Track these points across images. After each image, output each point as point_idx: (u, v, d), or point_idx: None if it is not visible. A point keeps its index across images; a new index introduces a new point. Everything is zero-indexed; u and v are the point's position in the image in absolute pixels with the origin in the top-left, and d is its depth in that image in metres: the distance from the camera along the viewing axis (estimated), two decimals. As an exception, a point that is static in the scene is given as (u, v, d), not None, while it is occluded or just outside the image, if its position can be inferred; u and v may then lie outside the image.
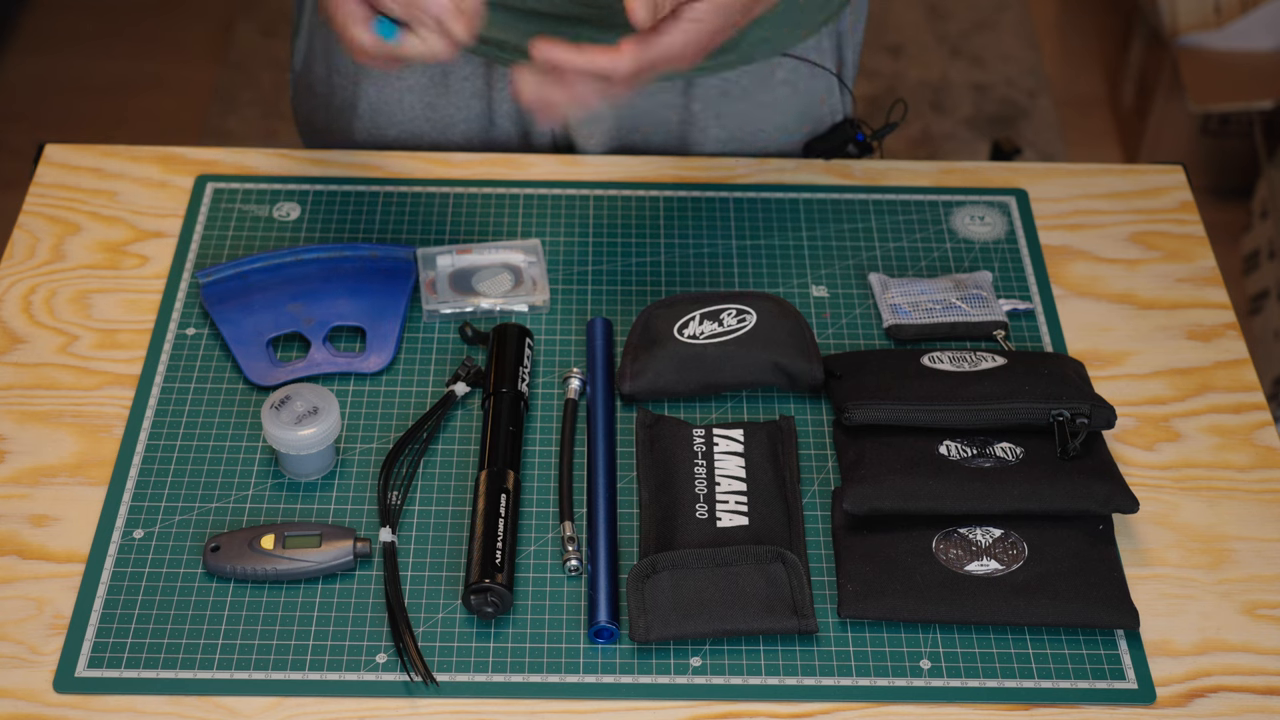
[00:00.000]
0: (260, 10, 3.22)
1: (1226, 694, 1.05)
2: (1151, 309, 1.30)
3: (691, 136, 1.42)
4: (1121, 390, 1.23)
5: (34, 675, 1.04)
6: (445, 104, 1.41)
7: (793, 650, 1.06)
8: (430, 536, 1.12)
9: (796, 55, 1.39)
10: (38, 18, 3.20)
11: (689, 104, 1.40)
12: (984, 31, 3.23)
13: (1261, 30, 2.73)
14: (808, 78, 1.42)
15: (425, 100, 1.41)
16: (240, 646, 1.05)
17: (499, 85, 1.39)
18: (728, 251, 1.32)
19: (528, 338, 1.22)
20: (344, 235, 1.32)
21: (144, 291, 1.27)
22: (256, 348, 1.22)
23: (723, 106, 1.41)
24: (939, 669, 1.06)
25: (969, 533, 1.10)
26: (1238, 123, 2.78)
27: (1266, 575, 1.12)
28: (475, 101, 1.41)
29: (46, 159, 1.37)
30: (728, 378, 1.20)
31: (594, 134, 1.41)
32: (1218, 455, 1.19)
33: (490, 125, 1.42)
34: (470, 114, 1.41)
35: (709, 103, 1.40)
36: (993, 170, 1.41)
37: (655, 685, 1.04)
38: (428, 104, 1.41)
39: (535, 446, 1.18)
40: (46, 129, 2.89)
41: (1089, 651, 1.07)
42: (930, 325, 1.25)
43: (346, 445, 1.17)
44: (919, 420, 1.14)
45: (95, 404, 1.19)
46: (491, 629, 1.07)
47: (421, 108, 1.41)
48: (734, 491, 1.12)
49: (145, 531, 1.11)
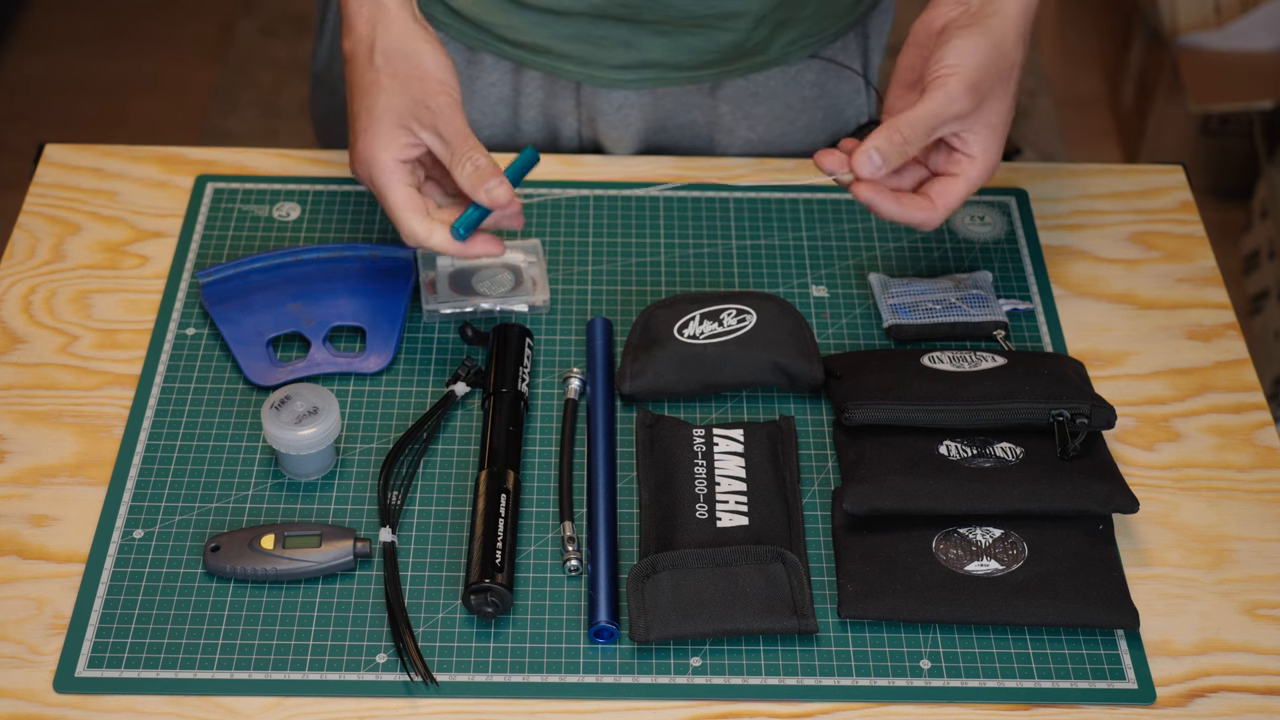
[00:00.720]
0: (260, 10, 3.22)
1: (1226, 694, 1.05)
2: (1151, 309, 1.30)
3: (718, 138, 1.42)
4: (1121, 390, 1.23)
5: (34, 675, 1.04)
6: (470, 109, 1.40)
7: (793, 650, 1.06)
8: (430, 536, 1.12)
9: (824, 57, 1.39)
10: (38, 18, 3.20)
11: (717, 105, 1.40)
12: (984, 31, 3.22)
13: (1261, 30, 2.73)
14: (835, 79, 1.42)
15: None
16: (240, 646, 1.05)
17: (525, 90, 1.39)
18: (728, 251, 1.32)
19: (528, 338, 1.22)
20: (344, 235, 1.32)
21: (144, 291, 1.27)
22: (256, 348, 1.22)
23: (751, 108, 1.41)
24: (939, 669, 1.06)
25: (969, 533, 1.10)
26: (1238, 123, 2.77)
27: (1266, 575, 1.12)
28: (501, 108, 1.40)
29: (46, 159, 1.37)
30: (728, 378, 1.20)
31: (624, 137, 1.41)
32: (1218, 455, 1.19)
33: (516, 131, 1.42)
34: (496, 120, 1.41)
35: (738, 104, 1.40)
36: (993, 170, 1.41)
37: (655, 685, 1.04)
38: None
39: (535, 446, 1.18)
40: (46, 129, 2.89)
41: (1089, 651, 1.07)
42: (930, 325, 1.25)
43: (346, 445, 1.17)
44: (919, 420, 1.14)
45: (95, 404, 1.19)
46: (491, 629, 1.07)
47: None
48: (734, 491, 1.12)
49: (145, 531, 1.11)
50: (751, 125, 1.42)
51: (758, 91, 1.40)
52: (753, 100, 1.40)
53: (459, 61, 1.37)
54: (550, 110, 1.40)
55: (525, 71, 1.38)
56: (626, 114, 1.39)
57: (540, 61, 1.35)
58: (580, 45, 1.34)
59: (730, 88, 1.39)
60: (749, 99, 1.40)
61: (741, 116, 1.41)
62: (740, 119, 1.41)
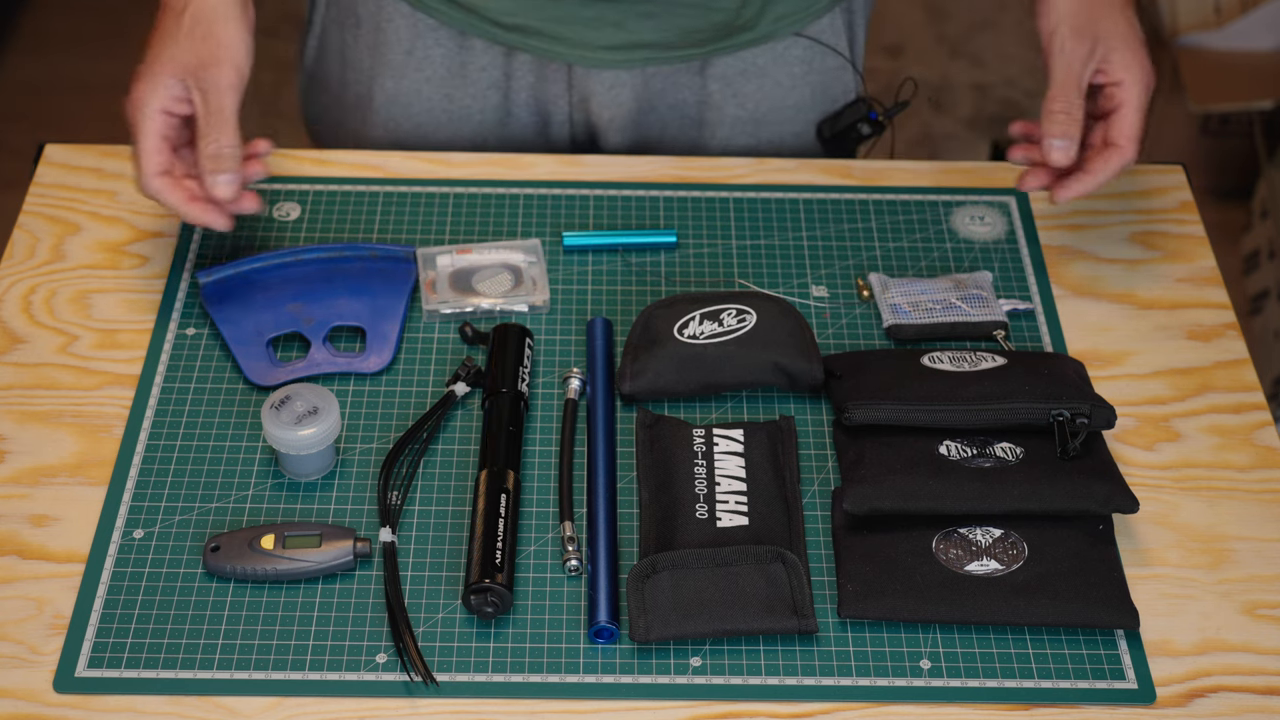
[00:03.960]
0: (260, 10, 3.22)
1: (1226, 694, 1.05)
2: (1151, 309, 1.30)
3: (708, 115, 1.43)
4: (1121, 390, 1.23)
5: (34, 675, 1.04)
6: (463, 94, 1.41)
7: (793, 650, 1.06)
8: (430, 536, 1.12)
9: (810, 36, 1.40)
10: (38, 18, 3.20)
11: (706, 83, 1.41)
12: (984, 31, 3.23)
13: (1261, 30, 2.73)
14: (821, 56, 1.43)
15: (443, 91, 1.41)
16: (240, 646, 1.05)
17: (516, 75, 1.40)
18: (728, 251, 1.32)
19: (528, 338, 1.22)
20: (344, 235, 1.32)
21: (144, 291, 1.27)
22: (256, 348, 1.22)
23: (740, 85, 1.41)
24: (939, 669, 1.06)
25: (969, 533, 1.10)
26: (1238, 123, 2.77)
27: (1266, 575, 1.12)
28: (492, 93, 1.41)
29: (46, 159, 1.37)
30: (728, 378, 1.20)
31: (615, 117, 1.41)
32: (1218, 455, 1.19)
33: (507, 116, 1.42)
34: (487, 105, 1.42)
35: (728, 81, 1.41)
36: (993, 170, 1.41)
37: (655, 685, 1.04)
38: (445, 95, 1.41)
39: (535, 446, 1.18)
40: (46, 129, 2.89)
41: (1089, 651, 1.07)
42: (930, 325, 1.25)
43: (346, 445, 1.17)
44: (919, 420, 1.14)
45: (95, 404, 1.19)
46: (491, 629, 1.07)
47: (439, 99, 1.41)
48: (734, 491, 1.12)
49: (145, 531, 1.11)
50: (740, 103, 1.42)
51: (746, 69, 1.41)
52: (742, 78, 1.41)
53: (451, 48, 1.39)
54: (541, 94, 1.41)
55: (516, 55, 1.38)
56: (618, 94, 1.40)
57: (531, 44, 1.36)
58: (571, 27, 1.35)
59: (719, 65, 1.40)
60: (738, 76, 1.41)
61: (731, 94, 1.42)
62: (730, 97, 1.42)
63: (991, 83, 3.12)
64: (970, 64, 3.16)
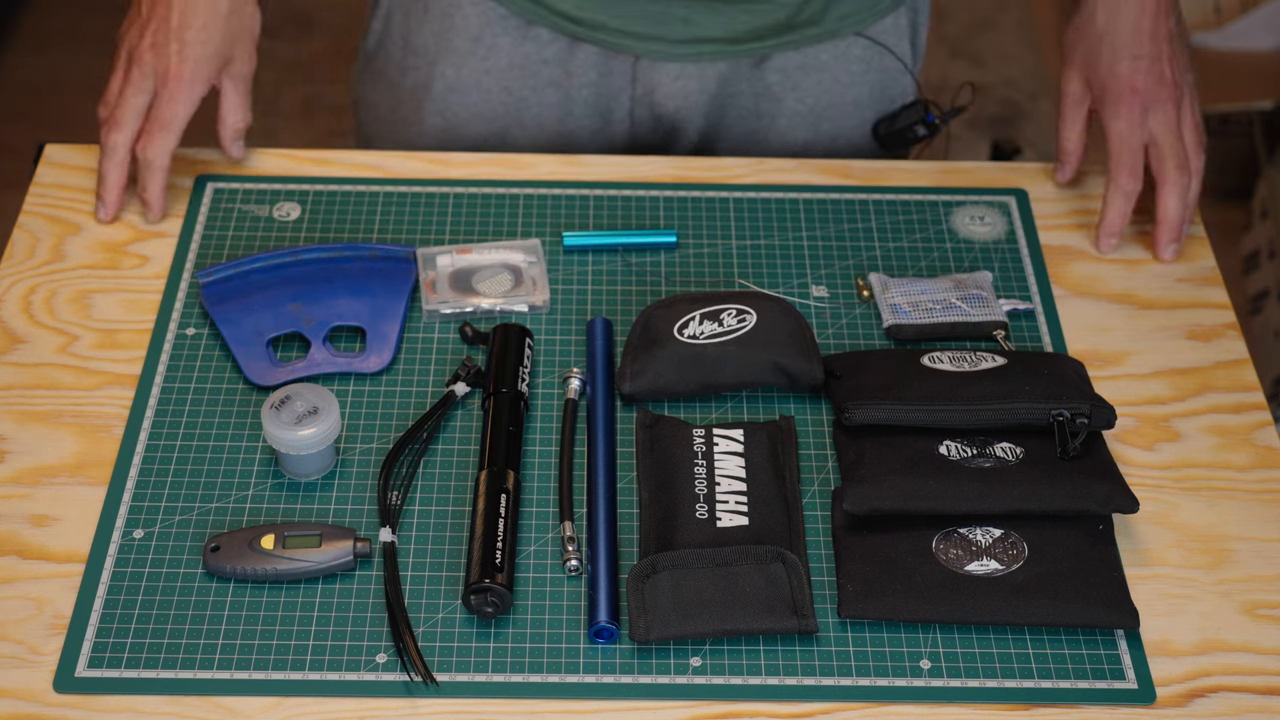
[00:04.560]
0: (261, 10, 3.22)
1: (1226, 694, 1.05)
2: (1151, 309, 1.30)
3: (765, 107, 1.44)
4: (1121, 390, 1.23)
5: (34, 675, 1.04)
6: (522, 87, 1.42)
7: (793, 650, 1.06)
8: (430, 536, 1.12)
9: (871, 36, 1.41)
10: (38, 18, 3.20)
11: (765, 75, 1.42)
12: (984, 32, 3.23)
13: (1261, 30, 2.73)
14: (881, 55, 1.44)
15: (502, 84, 1.42)
16: (240, 646, 1.05)
17: (578, 69, 1.41)
18: (728, 251, 1.32)
19: (528, 338, 1.22)
20: (344, 235, 1.32)
21: (144, 291, 1.27)
22: (256, 348, 1.22)
23: (800, 79, 1.43)
24: (939, 669, 1.06)
25: (969, 533, 1.10)
26: (1238, 123, 2.77)
27: (1266, 575, 1.12)
28: (550, 90, 1.42)
29: (46, 159, 1.37)
30: (728, 378, 1.20)
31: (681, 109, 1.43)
32: (1218, 455, 1.19)
33: (566, 115, 1.44)
34: (546, 100, 1.43)
35: (787, 75, 1.43)
36: (993, 170, 1.41)
37: (655, 685, 1.04)
38: (504, 88, 1.42)
39: (535, 446, 1.18)
40: (46, 129, 2.89)
41: (1089, 651, 1.07)
42: (930, 325, 1.25)
43: (346, 445, 1.17)
44: (919, 420, 1.14)
45: (95, 404, 1.19)
46: (491, 629, 1.07)
47: (498, 90, 1.42)
48: (734, 491, 1.12)
49: (145, 531, 1.11)
50: (800, 97, 1.44)
51: (806, 64, 1.42)
52: (801, 72, 1.43)
53: (516, 38, 1.40)
54: (604, 89, 1.43)
55: (580, 48, 1.40)
56: (684, 85, 1.41)
57: (598, 37, 1.38)
58: (639, 22, 1.37)
59: (780, 59, 1.42)
60: (798, 70, 1.43)
61: (790, 88, 1.43)
62: (789, 90, 1.43)
63: (991, 83, 3.12)
64: (970, 64, 3.16)
